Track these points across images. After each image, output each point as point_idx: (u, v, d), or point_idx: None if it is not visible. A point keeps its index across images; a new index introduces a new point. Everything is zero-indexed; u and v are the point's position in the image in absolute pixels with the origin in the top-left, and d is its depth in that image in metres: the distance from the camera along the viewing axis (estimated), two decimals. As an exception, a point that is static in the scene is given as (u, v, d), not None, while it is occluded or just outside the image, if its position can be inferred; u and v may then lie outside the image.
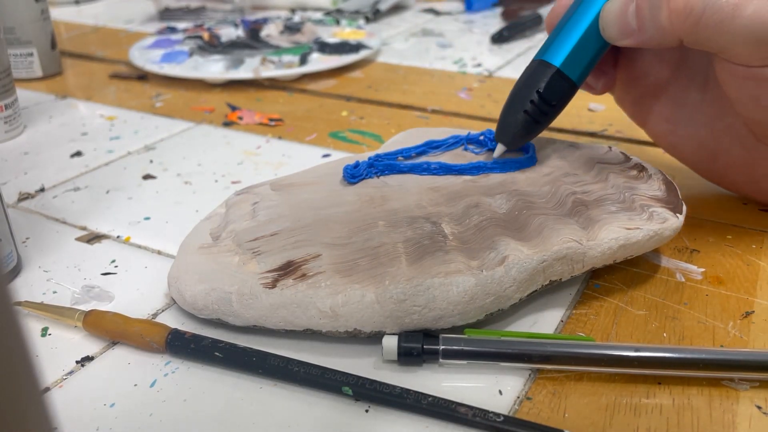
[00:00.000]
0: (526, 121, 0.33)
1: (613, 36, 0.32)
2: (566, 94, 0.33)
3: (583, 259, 0.28)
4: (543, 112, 0.33)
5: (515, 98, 0.33)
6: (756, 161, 0.34)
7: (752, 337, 0.28)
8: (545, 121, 0.33)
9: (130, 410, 0.25)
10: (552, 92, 0.33)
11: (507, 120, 0.33)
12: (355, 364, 0.26)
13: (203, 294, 0.28)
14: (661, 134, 0.37)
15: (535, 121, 0.33)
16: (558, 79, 0.32)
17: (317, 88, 0.59)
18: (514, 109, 0.33)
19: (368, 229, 0.29)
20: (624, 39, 0.31)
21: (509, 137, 0.33)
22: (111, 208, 0.39)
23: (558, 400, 0.25)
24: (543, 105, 0.33)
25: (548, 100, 0.33)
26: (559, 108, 0.33)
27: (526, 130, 0.33)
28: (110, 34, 0.81)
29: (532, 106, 0.33)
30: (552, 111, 0.33)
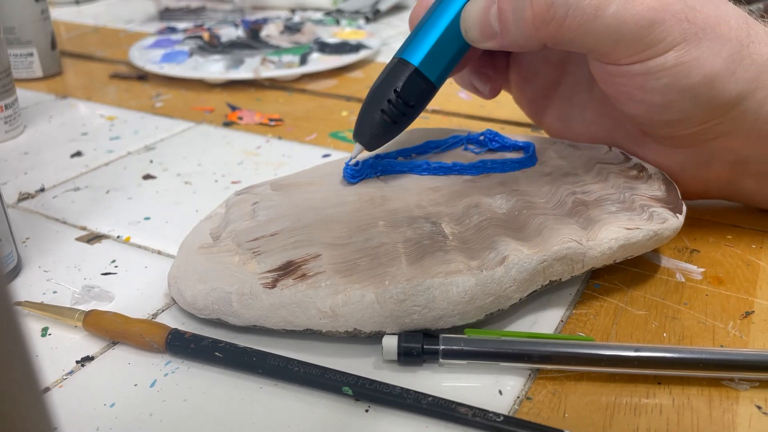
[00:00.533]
0: (384, 121, 0.32)
1: (474, 38, 0.31)
2: (424, 94, 0.32)
3: (583, 259, 0.28)
4: (401, 113, 0.32)
5: (373, 97, 0.32)
6: (646, 156, 0.35)
7: (752, 337, 0.28)
8: (403, 122, 0.32)
9: (130, 410, 0.25)
10: (409, 92, 0.31)
11: (364, 119, 0.32)
12: (355, 364, 0.26)
13: (203, 294, 0.28)
14: (557, 133, 0.38)
15: (393, 121, 0.32)
16: (416, 78, 0.31)
17: (317, 88, 0.59)
18: (371, 108, 0.32)
19: (368, 229, 0.29)
20: (486, 42, 0.31)
21: (366, 137, 0.32)
22: (111, 208, 0.39)
23: (558, 400, 0.25)
24: (401, 105, 0.31)
25: (406, 100, 0.31)
26: (418, 109, 0.32)
27: (383, 130, 0.32)
28: (110, 34, 0.81)
29: (390, 105, 0.31)
30: (410, 111, 0.32)
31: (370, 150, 0.33)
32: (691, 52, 0.28)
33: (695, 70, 0.29)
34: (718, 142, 0.32)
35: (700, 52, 0.28)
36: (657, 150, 0.34)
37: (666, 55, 0.29)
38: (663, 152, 0.34)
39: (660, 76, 0.29)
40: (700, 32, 0.28)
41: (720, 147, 0.32)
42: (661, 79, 0.29)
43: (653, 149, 0.34)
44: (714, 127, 0.31)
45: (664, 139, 0.33)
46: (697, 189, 0.35)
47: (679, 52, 0.28)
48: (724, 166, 0.33)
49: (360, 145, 0.33)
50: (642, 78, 0.29)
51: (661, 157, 0.34)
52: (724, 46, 0.29)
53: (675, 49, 0.28)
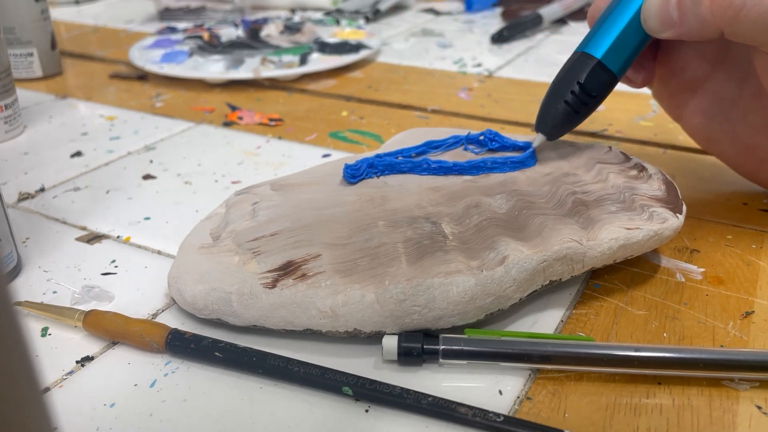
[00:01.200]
0: (566, 112, 0.33)
1: (654, 28, 0.32)
2: (607, 85, 0.33)
3: (583, 259, 0.28)
4: (583, 103, 0.33)
5: (556, 89, 0.34)
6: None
7: (752, 337, 0.28)
8: (585, 112, 0.34)
9: (130, 410, 0.25)
10: (593, 83, 0.33)
11: (547, 110, 0.34)
12: (355, 364, 0.26)
13: (203, 294, 0.28)
14: (697, 128, 0.38)
15: (575, 111, 0.33)
16: (599, 70, 0.33)
17: (317, 88, 0.59)
18: (554, 100, 0.34)
19: (368, 229, 0.29)
20: (665, 31, 0.32)
21: (549, 127, 0.34)
22: (111, 208, 0.39)
23: (558, 400, 0.25)
24: (583, 96, 0.33)
25: (589, 91, 0.33)
26: (600, 99, 0.34)
27: (565, 120, 0.34)
28: (110, 34, 0.81)
29: (573, 96, 0.33)
30: (592, 102, 0.33)
31: (552, 139, 0.35)
32: None
33: None
34: None
35: None
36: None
37: None
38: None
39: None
40: None
41: None
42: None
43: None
44: None
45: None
46: None
47: None
48: None
49: (542, 135, 0.34)
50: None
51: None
52: None
53: None
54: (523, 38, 0.73)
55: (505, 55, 0.67)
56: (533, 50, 0.69)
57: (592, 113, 0.34)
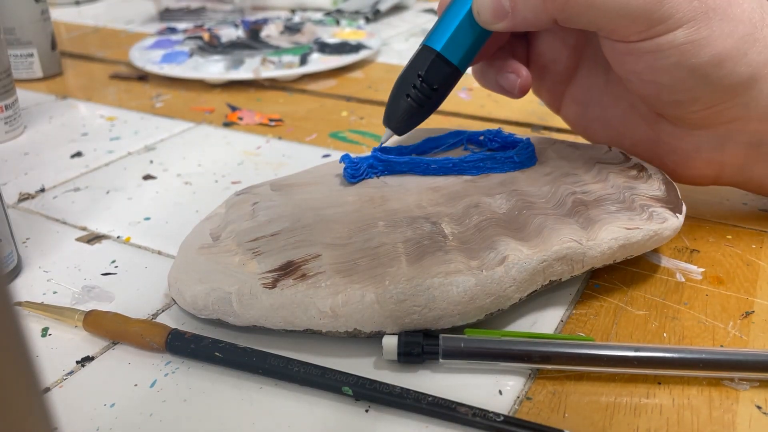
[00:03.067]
0: (410, 106, 0.33)
1: (487, 19, 0.32)
2: (448, 78, 0.33)
3: (583, 259, 0.28)
4: (426, 96, 0.33)
5: (400, 83, 0.33)
6: (660, 138, 0.35)
7: (752, 337, 0.28)
8: (429, 106, 0.33)
9: (130, 410, 0.25)
10: (433, 76, 0.33)
11: (392, 105, 0.34)
12: (355, 364, 0.26)
13: (203, 294, 0.28)
14: (573, 117, 0.39)
15: (419, 105, 0.33)
16: (439, 63, 0.33)
17: (317, 88, 0.59)
18: (398, 94, 0.33)
19: (368, 229, 0.29)
20: (498, 22, 0.32)
21: (394, 122, 0.34)
22: (111, 209, 0.39)
23: (558, 400, 0.25)
24: (426, 89, 0.33)
25: (430, 84, 0.33)
26: (443, 93, 0.33)
27: (409, 114, 0.33)
28: (110, 34, 0.81)
29: (415, 90, 0.33)
30: (435, 95, 0.33)
31: (400, 134, 0.34)
32: (701, 30, 0.28)
33: (704, 49, 0.29)
34: (732, 124, 0.32)
35: (710, 31, 0.28)
36: (672, 132, 0.34)
37: (675, 33, 0.29)
38: (678, 134, 0.34)
39: (669, 54, 0.29)
40: (711, 11, 0.28)
41: (734, 129, 0.32)
42: (670, 58, 0.29)
43: (668, 131, 0.34)
44: (726, 109, 0.31)
45: (677, 120, 0.33)
46: (711, 173, 0.35)
47: (688, 30, 0.28)
48: (739, 150, 0.33)
49: (390, 131, 0.34)
50: (651, 56, 0.30)
51: (676, 138, 0.34)
52: (736, 27, 0.29)
53: (684, 26, 0.28)
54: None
55: (505, 56, 0.67)
56: (533, 50, 0.69)
57: (437, 107, 0.34)
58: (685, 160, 0.34)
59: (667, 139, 0.34)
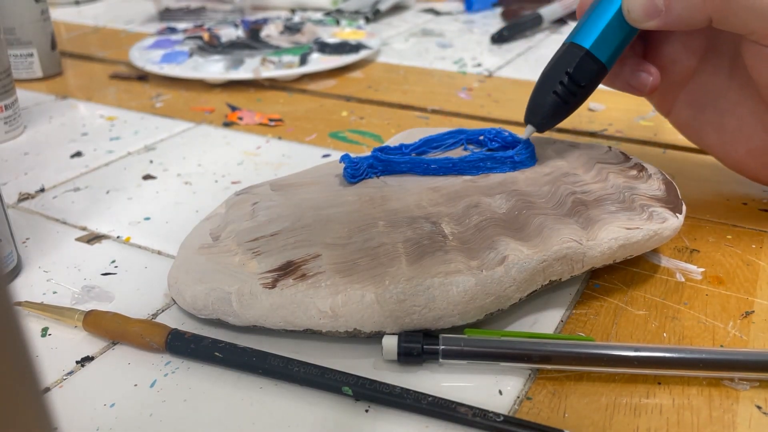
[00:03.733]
0: (556, 103, 0.33)
1: (638, 18, 0.32)
2: (596, 75, 0.33)
3: (583, 259, 0.28)
4: (572, 93, 0.33)
5: (545, 80, 0.34)
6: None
7: (752, 337, 0.28)
8: (575, 103, 0.34)
9: (130, 410, 0.25)
10: (582, 73, 0.33)
11: (537, 101, 0.34)
12: (355, 364, 0.26)
13: (203, 294, 0.28)
14: (685, 121, 0.38)
15: (564, 102, 0.33)
16: (588, 60, 0.33)
17: (317, 88, 0.59)
18: (544, 91, 0.34)
19: (368, 229, 0.29)
20: (649, 20, 0.31)
21: (538, 118, 0.34)
22: (111, 208, 0.39)
23: (558, 400, 0.25)
24: (572, 86, 0.33)
25: (578, 81, 0.33)
26: (589, 90, 0.34)
27: (555, 111, 0.33)
28: (110, 34, 0.81)
29: (562, 87, 0.33)
30: (581, 92, 0.33)
31: (541, 131, 0.34)
32: None
33: None
34: None
35: None
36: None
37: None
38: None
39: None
40: None
41: None
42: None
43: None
44: None
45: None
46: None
47: None
48: None
49: (532, 127, 0.34)
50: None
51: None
52: None
53: None
54: (522, 38, 0.73)
55: (505, 55, 0.67)
56: (533, 50, 0.69)
57: (581, 104, 0.34)
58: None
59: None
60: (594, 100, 0.53)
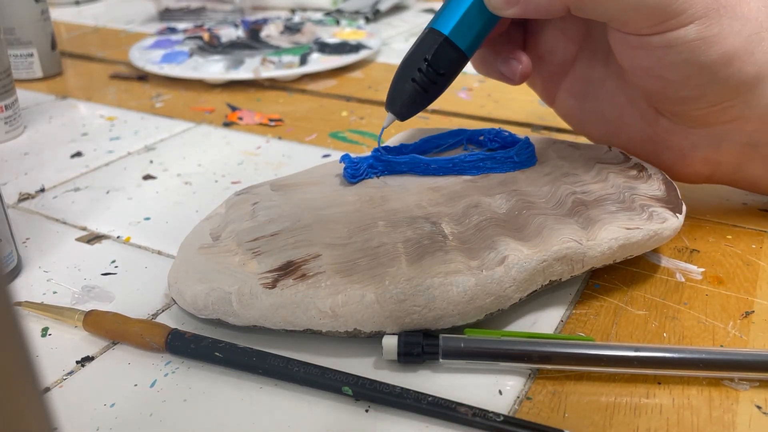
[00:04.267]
0: (415, 90, 0.32)
1: (498, 4, 0.31)
2: (455, 63, 0.32)
3: (583, 259, 0.28)
4: (432, 81, 0.32)
5: (405, 67, 0.33)
6: (657, 134, 0.34)
7: (752, 337, 0.28)
8: (434, 91, 0.33)
9: (130, 410, 0.25)
10: (440, 61, 0.32)
11: (396, 89, 0.33)
12: (355, 364, 0.26)
13: (203, 294, 0.28)
14: (568, 111, 0.38)
15: (423, 90, 0.32)
16: (446, 47, 0.32)
17: (317, 88, 0.59)
18: (403, 78, 0.32)
19: (368, 229, 0.29)
20: (508, 8, 0.31)
21: (398, 106, 0.33)
22: (111, 208, 0.39)
23: (558, 400, 0.25)
24: (431, 74, 0.32)
25: (436, 68, 0.32)
26: (449, 78, 0.33)
27: (413, 99, 0.33)
28: (110, 34, 0.81)
29: (421, 74, 0.32)
30: (441, 80, 0.32)
31: (402, 120, 0.33)
32: (712, 27, 0.28)
33: (715, 46, 0.29)
34: (731, 124, 0.32)
35: (720, 28, 0.28)
36: (670, 129, 0.34)
37: (687, 28, 0.28)
38: (675, 131, 0.34)
39: (680, 50, 0.29)
40: (722, 9, 0.28)
41: (733, 129, 0.32)
42: (681, 54, 0.29)
43: (666, 128, 0.34)
44: (728, 108, 0.31)
45: (677, 117, 0.33)
46: (706, 171, 0.35)
47: (700, 26, 0.28)
48: (735, 149, 0.33)
49: (392, 115, 0.33)
50: (661, 51, 0.29)
51: (673, 136, 0.34)
52: (745, 26, 0.29)
53: (696, 22, 0.28)
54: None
55: (505, 56, 0.67)
56: (533, 50, 0.69)
57: (442, 92, 0.33)
58: (681, 158, 0.34)
59: (665, 136, 0.34)
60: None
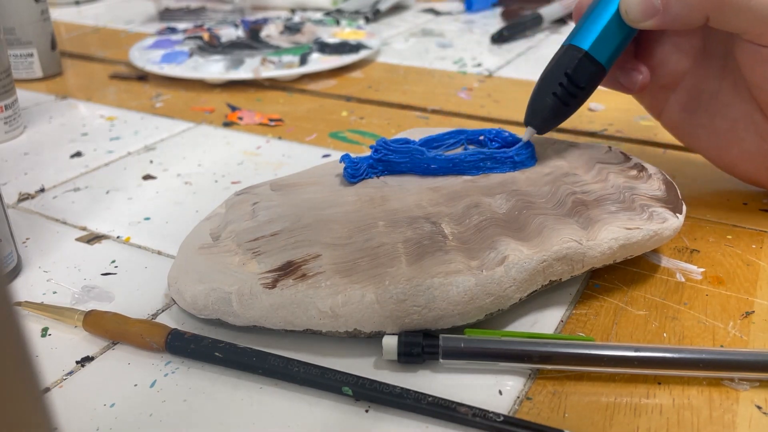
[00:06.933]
0: (555, 104, 0.33)
1: (635, 17, 0.32)
2: (595, 77, 0.34)
3: (583, 259, 0.28)
4: (572, 95, 0.33)
5: (545, 81, 0.34)
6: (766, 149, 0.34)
7: (752, 337, 0.28)
8: (574, 104, 0.34)
9: (130, 410, 0.25)
10: (581, 75, 0.33)
11: (536, 103, 0.34)
12: (355, 364, 0.26)
13: (203, 294, 0.28)
14: (677, 123, 0.38)
15: (564, 103, 0.33)
16: (586, 62, 0.33)
17: (317, 88, 0.59)
18: (543, 92, 0.34)
19: (368, 229, 0.29)
20: (647, 20, 0.32)
21: (538, 120, 0.34)
22: (111, 208, 0.39)
23: (558, 400, 0.25)
24: (572, 87, 0.33)
25: (577, 82, 0.33)
26: (588, 91, 0.34)
27: (555, 112, 0.34)
28: (110, 34, 0.81)
29: (561, 88, 0.33)
30: (581, 94, 0.34)
31: (541, 133, 0.35)
32: None
33: None
34: None
35: None
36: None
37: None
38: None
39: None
40: None
41: None
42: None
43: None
44: None
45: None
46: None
47: None
48: None
49: (532, 129, 0.34)
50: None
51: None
52: None
53: None
54: (523, 38, 0.73)
55: (505, 55, 0.67)
56: (533, 50, 0.69)
57: (580, 106, 0.34)
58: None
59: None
60: (594, 100, 0.53)
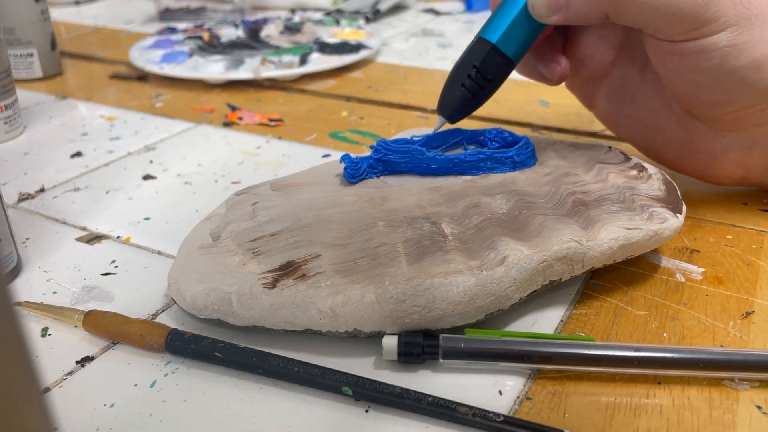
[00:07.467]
0: (464, 95, 0.35)
1: (541, 13, 0.33)
2: (502, 69, 0.34)
3: (583, 259, 0.28)
4: (480, 87, 0.34)
5: (455, 73, 0.35)
6: (691, 137, 0.36)
7: (752, 337, 0.28)
8: (483, 96, 0.35)
9: (130, 410, 0.25)
10: (488, 67, 0.34)
11: (447, 94, 0.35)
12: (355, 364, 0.26)
13: (203, 294, 0.28)
14: (606, 114, 0.39)
15: (472, 95, 0.34)
16: (494, 55, 0.34)
17: (317, 88, 0.59)
18: (453, 84, 0.35)
19: (368, 229, 0.29)
20: (551, 15, 0.33)
21: (448, 110, 0.35)
22: (111, 208, 0.39)
23: (558, 400, 0.25)
24: (480, 80, 0.34)
25: (485, 75, 0.34)
26: (496, 83, 0.35)
27: (463, 103, 0.35)
28: (110, 34, 0.81)
29: (470, 80, 0.34)
30: (489, 86, 0.35)
31: (452, 122, 0.36)
32: (743, 35, 0.30)
33: (745, 53, 0.30)
34: (762, 127, 0.33)
35: (751, 36, 0.30)
36: (703, 132, 0.35)
37: (719, 35, 0.30)
38: (708, 135, 0.35)
39: (711, 56, 0.30)
40: (753, 17, 0.30)
41: (764, 132, 0.33)
42: (712, 59, 0.30)
43: (699, 131, 0.35)
44: (759, 112, 0.32)
45: (710, 121, 0.34)
46: (738, 174, 0.36)
47: (731, 34, 0.30)
48: (766, 152, 0.34)
49: (443, 118, 0.36)
50: (693, 57, 0.31)
51: (706, 139, 0.35)
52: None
53: (728, 30, 0.30)
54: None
55: (505, 56, 0.67)
56: (533, 50, 0.69)
57: (490, 97, 0.35)
58: (714, 160, 0.35)
59: (698, 140, 0.35)
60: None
